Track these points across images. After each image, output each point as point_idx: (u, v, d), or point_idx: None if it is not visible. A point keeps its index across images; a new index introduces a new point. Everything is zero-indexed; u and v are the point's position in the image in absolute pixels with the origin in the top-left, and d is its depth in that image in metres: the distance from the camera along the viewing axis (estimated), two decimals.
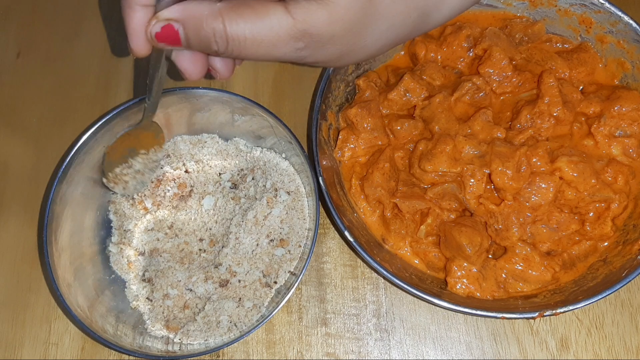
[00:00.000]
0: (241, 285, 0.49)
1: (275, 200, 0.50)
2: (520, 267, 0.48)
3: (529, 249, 0.47)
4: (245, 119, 0.51)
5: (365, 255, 0.45)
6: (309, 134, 0.58)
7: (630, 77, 0.53)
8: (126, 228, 0.51)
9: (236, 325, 0.47)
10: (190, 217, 0.52)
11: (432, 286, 0.48)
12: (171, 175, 0.52)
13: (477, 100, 0.52)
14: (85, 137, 0.47)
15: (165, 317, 0.48)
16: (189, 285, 0.49)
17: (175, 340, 0.47)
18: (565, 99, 0.50)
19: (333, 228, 0.54)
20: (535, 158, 0.48)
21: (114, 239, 0.51)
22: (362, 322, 0.51)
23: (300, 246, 0.50)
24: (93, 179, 0.50)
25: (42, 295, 0.52)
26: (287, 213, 0.50)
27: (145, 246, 0.51)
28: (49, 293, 0.52)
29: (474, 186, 0.48)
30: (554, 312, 0.44)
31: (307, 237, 0.50)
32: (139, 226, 0.52)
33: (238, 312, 0.48)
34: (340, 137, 0.52)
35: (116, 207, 0.52)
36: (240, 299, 0.48)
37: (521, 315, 0.44)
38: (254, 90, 0.60)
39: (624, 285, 0.44)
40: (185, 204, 0.52)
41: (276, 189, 0.51)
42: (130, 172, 0.46)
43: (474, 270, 0.47)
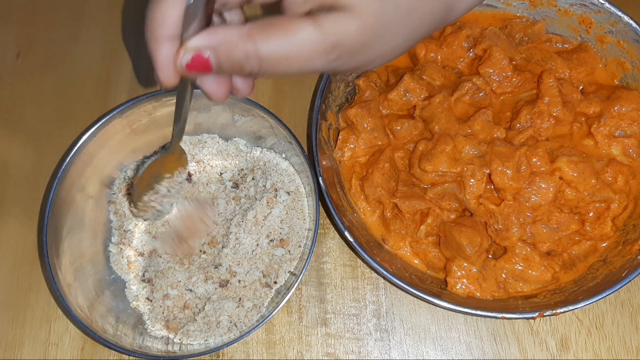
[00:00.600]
0: (241, 285, 0.49)
1: (275, 200, 0.50)
2: (520, 267, 0.48)
3: (529, 249, 0.47)
4: (245, 119, 0.51)
5: (365, 256, 0.45)
6: (309, 134, 0.58)
7: (630, 77, 0.53)
8: (126, 228, 0.51)
9: (236, 326, 0.47)
10: None
11: (432, 286, 0.48)
12: None
13: (477, 100, 0.52)
14: (85, 137, 0.47)
15: (165, 317, 0.48)
16: (189, 285, 0.49)
17: (175, 340, 0.47)
18: (565, 99, 0.50)
19: (333, 228, 0.54)
20: (535, 158, 0.48)
21: (114, 239, 0.51)
22: (362, 322, 0.51)
23: (300, 246, 0.50)
24: (93, 179, 0.50)
25: (42, 295, 0.52)
26: (287, 213, 0.50)
27: (145, 247, 0.51)
28: (49, 293, 0.52)
29: (474, 186, 0.48)
30: (554, 312, 0.44)
31: (307, 237, 0.50)
32: (139, 226, 0.52)
33: (238, 312, 0.48)
34: (340, 137, 0.52)
35: (116, 207, 0.52)
36: (240, 299, 0.48)
37: (521, 315, 0.44)
38: (254, 91, 0.60)
39: (624, 285, 0.44)
40: None
41: (276, 189, 0.51)
42: (157, 198, 0.47)
43: (474, 270, 0.47)
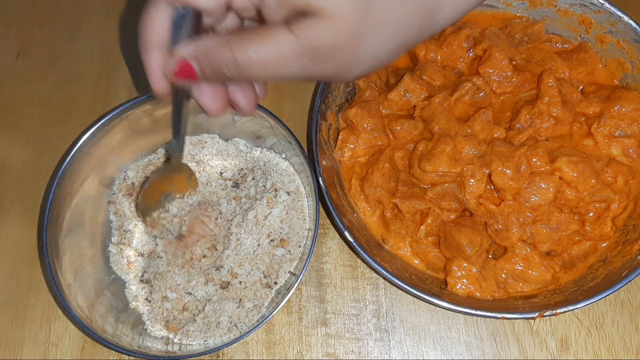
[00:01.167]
0: (242, 286, 0.48)
1: (275, 201, 0.50)
2: (520, 267, 0.48)
3: (529, 249, 0.47)
4: (245, 119, 0.51)
5: (365, 256, 0.45)
6: (309, 134, 0.58)
7: (630, 77, 0.53)
8: (126, 228, 0.51)
9: (236, 326, 0.47)
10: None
11: (432, 286, 0.48)
12: None
13: (477, 101, 0.52)
14: (85, 137, 0.47)
15: (165, 317, 0.48)
16: (188, 289, 0.49)
17: (175, 340, 0.47)
18: (565, 99, 0.50)
19: (333, 228, 0.54)
20: (535, 158, 0.48)
21: (114, 239, 0.51)
22: (362, 322, 0.51)
23: (300, 246, 0.50)
24: (93, 179, 0.50)
25: (42, 295, 0.52)
26: (287, 213, 0.50)
27: (145, 247, 0.51)
28: (49, 293, 0.52)
29: (474, 186, 0.48)
30: (554, 312, 0.44)
31: (307, 237, 0.50)
32: (139, 227, 0.52)
33: (238, 313, 0.48)
34: (340, 138, 0.52)
35: (116, 207, 0.52)
36: (241, 299, 0.48)
37: (521, 316, 0.44)
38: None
39: (624, 285, 0.44)
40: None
41: (276, 189, 0.51)
42: (167, 217, 0.48)
43: (474, 270, 0.47)
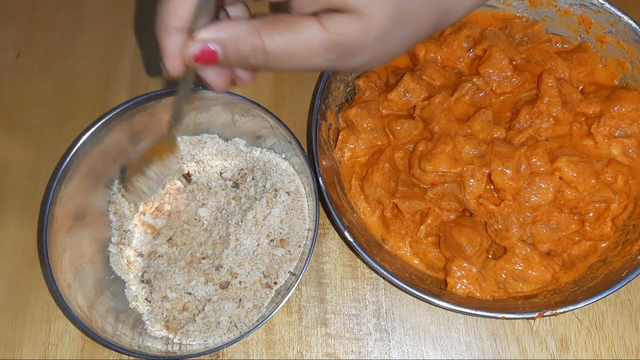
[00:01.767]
0: (242, 286, 0.48)
1: (275, 201, 0.50)
2: (520, 267, 0.48)
3: (528, 249, 0.47)
4: (245, 119, 0.51)
5: (365, 256, 0.45)
6: (309, 134, 0.58)
7: (630, 77, 0.53)
8: (126, 228, 0.51)
9: (236, 326, 0.47)
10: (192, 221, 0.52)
11: (432, 286, 0.48)
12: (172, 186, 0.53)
13: (477, 101, 0.52)
14: (85, 137, 0.47)
15: (164, 317, 0.48)
16: (188, 289, 0.49)
17: (174, 340, 0.47)
18: (565, 99, 0.50)
19: (333, 228, 0.54)
20: (535, 158, 0.48)
21: (113, 239, 0.51)
22: (362, 322, 0.51)
23: (300, 246, 0.50)
24: (93, 179, 0.50)
25: (42, 295, 0.52)
26: (287, 213, 0.50)
27: (144, 247, 0.51)
28: (49, 293, 0.52)
29: (474, 186, 0.48)
30: (553, 312, 0.44)
31: (307, 238, 0.50)
32: (139, 227, 0.52)
33: (238, 313, 0.48)
34: (340, 138, 0.52)
35: (116, 207, 0.52)
36: (241, 299, 0.48)
37: (521, 316, 0.44)
38: (254, 91, 0.60)
39: (624, 285, 0.44)
40: (186, 208, 0.52)
41: (276, 189, 0.51)
42: (145, 181, 0.46)
43: (474, 270, 0.47)
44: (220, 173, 0.54)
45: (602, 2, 0.51)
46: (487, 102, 0.52)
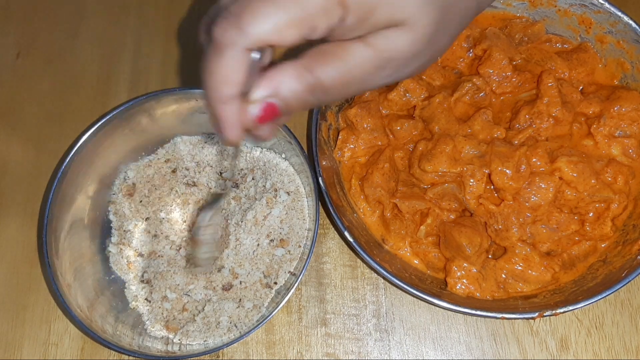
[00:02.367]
0: (242, 286, 0.49)
1: (275, 201, 0.50)
2: (520, 267, 0.48)
3: (528, 249, 0.47)
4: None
5: (365, 256, 0.45)
6: (309, 134, 0.58)
7: (629, 77, 0.53)
8: (126, 228, 0.51)
9: (236, 326, 0.47)
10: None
11: (432, 286, 0.48)
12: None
13: (477, 101, 0.52)
14: (85, 137, 0.47)
15: (164, 317, 0.48)
16: (188, 289, 0.49)
17: (174, 340, 0.47)
18: (565, 99, 0.50)
19: (333, 228, 0.54)
20: (534, 158, 0.48)
21: (113, 239, 0.51)
22: (362, 322, 0.51)
23: (300, 246, 0.50)
24: (93, 179, 0.50)
25: (41, 295, 0.52)
26: (286, 213, 0.50)
27: (144, 247, 0.51)
28: (49, 293, 0.52)
29: (473, 186, 0.48)
30: (553, 312, 0.44)
31: (307, 238, 0.50)
32: (139, 226, 0.52)
33: (238, 313, 0.48)
34: (340, 138, 0.52)
35: (116, 207, 0.52)
36: (241, 299, 0.48)
37: (521, 316, 0.44)
38: None
39: (624, 285, 0.44)
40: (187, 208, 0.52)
41: (276, 189, 0.51)
42: (202, 230, 0.45)
43: (474, 270, 0.47)
44: (220, 173, 0.54)
45: (602, 2, 0.51)
46: (487, 102, 0.52)
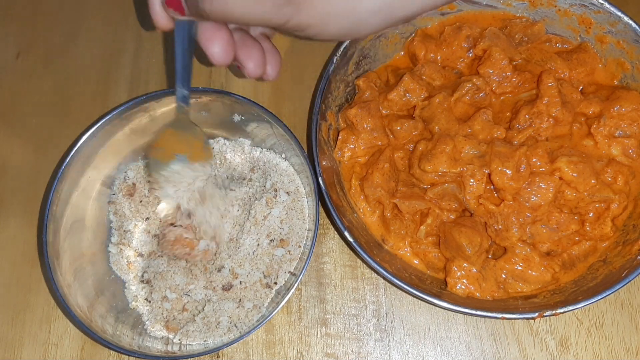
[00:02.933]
0: (242, 286, 0.49)
1: (275, 201, 0.50)
2: (520, 268, 0.48)
3: (528, 249, 0.47)
4: (245, 119, 0.51)
5: (365, 256, 0.45)
6: (309, 134, 0.58)
7: (629, 78, 0.53)
8: (126, 228, 0.51)
9: (236, 326, 0.47)
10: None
11: (432, 286, 0.48)
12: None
13: (477, 101, 0.52)
14: (85, 137, 0.47)
15: (164, 317, 0.48)
16: (188, 290, 0.49)
17: (174, 340, 0.47)
18: (565, 99, 0.50)
19: (333, 228, 0.54)
20: (534, 158, 0.48)
21: (113, 239, 0.51)
22: (362, 322, 0.51)
23: (300, 246, 0.50)
24: (93, 179, 0.50)
25: (41, 295, 0.52)
26: (286, 213, 0.50)
27: (144, 247, 0.51)
28: (49, 293, 0.52)
29: (473, 186, 0.48)
30: (553, 312, 0.44)
31: (307, 238, 0.50)
32: (139, 226, 0.52)
33: (238, 313, 0.48)
34: (340, 138, 0.52)
35: (116, 207, 0.52)
36: (241, 300, 0.48)
37: (521, 316, 0.44)
38: (254, 91, 0.60)
39: (624, 285, 0.44)
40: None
41: (276, 189, 0.51)
42: (177, 179, 0.45)
43: (474, 270, 0.47)
44: (220, 173, 0.54)
45: (602, 2, 0.51)
46: (487, 102, 0.52)
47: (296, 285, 0.44)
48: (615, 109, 0.50)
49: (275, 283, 0.49)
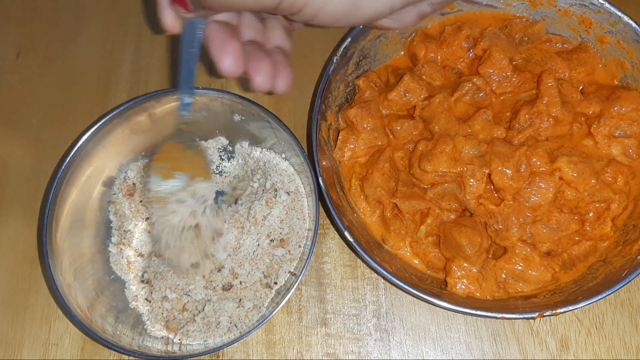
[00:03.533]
0: (242, 286, 0.49)
1: (275, 201, 0.50)
2: (520, 267, 0.48)
3: (528, 249, 0.47)
4: (245, 119, 0.51)
5: (365, 256, 0.45)
6: (309, 134, 0.58)
7: (630, 77, 0.53)
8: (126, 228, 0.51)
9: (236, 326, 0.47)
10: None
11: (432, 286, 0.48)
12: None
13: (477, 101, 0.52)
14: (85, 137, 0.47)
15: (164, 317, 0.48)
16: (188, 289, 0.49)
17: (174, 340, 0.47)
18: (565, 99, 0.50)
19: (333, 228, 0.54)
20: (535, 158, 0.48)
21: (113, 239, 0.51)
22: (362, 322, 0.51)
23: (300, 246, 0.50)
24: (93, 179, 0.50)
25: (42, 295, 0.52)
26: (287, 213, 0.50)
27: (144, 247, 0.51)
28: (49, 293, 0.52)
29: (474, 186, 0.48)
30: (553, 312, 0.44)
31: (307, 238, 0.50)
32: (139, 227, 0.52)
33: (238, 313, 0.48)
34: (340, 138, 0.52)
35: (116, 207, 0.52)
36: (241, 299, 0.48)
37: (521, 316, 0.44)
38: (253, 91, 0.60)
39: (624, 285, 0.44)
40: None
41: (276, 189, 0.51)
42: (173, 199, 0.44)
43: (474, 270, 0.47)
44: (221, 173, 0.54)
45: (602, 2, 0.51)
46: (487, 102, 0.52)
47: (296, 285, 0.44)
48: (616, 109, 0.50)
49: (276, 283, 0.49)
